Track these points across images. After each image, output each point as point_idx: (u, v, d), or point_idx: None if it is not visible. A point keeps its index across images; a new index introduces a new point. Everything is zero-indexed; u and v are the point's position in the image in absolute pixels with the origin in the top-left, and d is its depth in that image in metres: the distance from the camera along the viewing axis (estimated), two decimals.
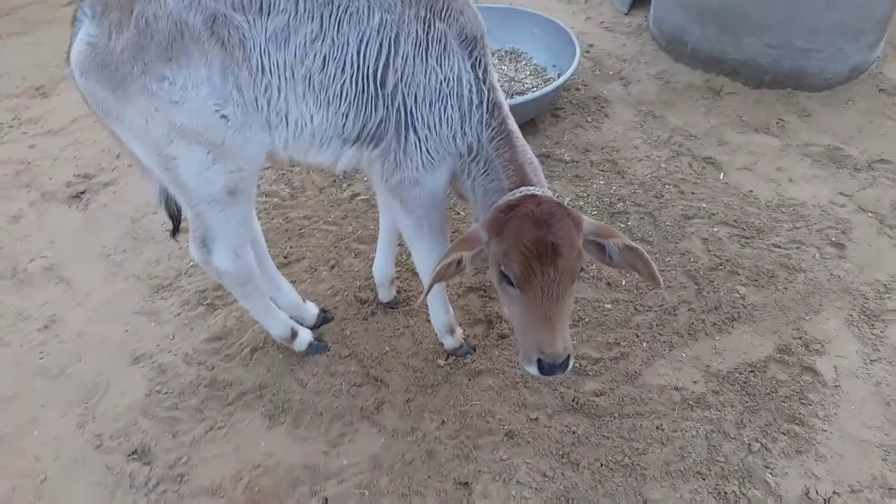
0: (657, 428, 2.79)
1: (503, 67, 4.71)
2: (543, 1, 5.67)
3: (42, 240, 3.85)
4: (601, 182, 3.94)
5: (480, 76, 2.30)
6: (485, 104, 2.32)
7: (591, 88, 4.67)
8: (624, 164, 4.04)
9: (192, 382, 3.08)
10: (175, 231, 2.83)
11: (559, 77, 4.33)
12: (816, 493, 2.57)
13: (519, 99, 4.13)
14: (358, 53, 2.19)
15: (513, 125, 2.38)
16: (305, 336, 3.11)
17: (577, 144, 4.22)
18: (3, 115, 4.77)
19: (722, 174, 3.94)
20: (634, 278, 3.37)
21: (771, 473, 2.63)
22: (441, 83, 2.24)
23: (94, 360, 3.21)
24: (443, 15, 2.21)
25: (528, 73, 4.64)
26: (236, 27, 2.07)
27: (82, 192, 4.13)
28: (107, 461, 2.82)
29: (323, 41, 2.15)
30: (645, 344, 3.10)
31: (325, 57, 2.17)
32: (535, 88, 4.43)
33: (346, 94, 2.23)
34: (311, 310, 3.25)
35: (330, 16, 2.14)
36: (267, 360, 3.14)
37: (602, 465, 2.69)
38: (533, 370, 2.07)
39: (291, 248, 3.69)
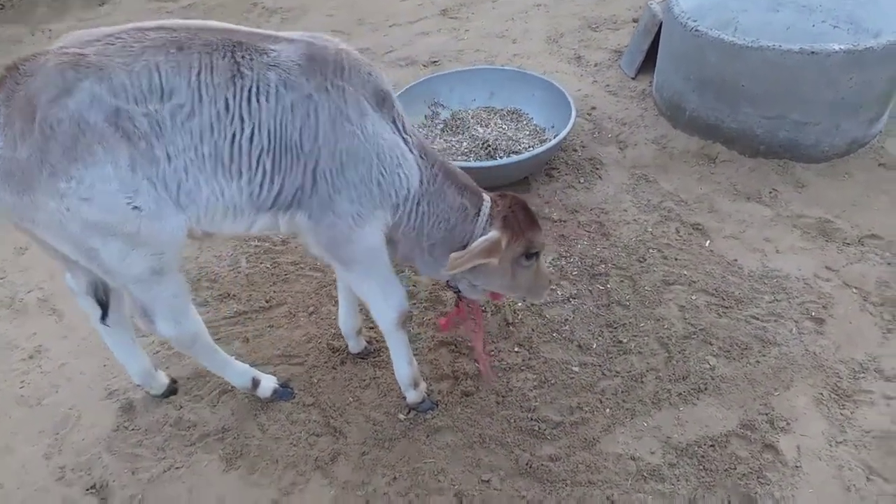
0: (608, 498, 2.73)
1: (504, 126, 4.80)
2: (554, 63, 5.79)
3: (42, 272, 4.02)
4: (585, 243, 3.95)
5: (400, 128, 2.42)
6: (413, 151, 2.44)
7: (588, 150, 4.72)
8: (611, 227, 4.05)
9: (159, 421, 3.15)
10: (104, 316, 2.87)
11: (555, 138, 4.40)
12: None
13: (514, 158, 4.22)
14: (271, 127, 2.22)
15: (443, 157, 2.55)
16: (268, 383, 3.16)
17: (566, 204, 4.25)
18: None
19: (708, 241, 3.91)
20: (605, 342, 3.36)
21: None
22: (362, 142, 2.30)
23: (70, 392, 3.31)
24: (352, 80, 2.29)
25: (527, 133, 4.73)
26: (139, 118, 2.10)
27: None
28: (65, 494, 2.89)
29: (231, 120, 2.18)
30: (608, 410, 3.06)
31: (234, 133, 2.20)
32: (531, 148, 4.50)
33: (262, 164, 2.26)
34: (162, 379, 3.25)
35: (234, 97, 2.18)
36: (233, 403, 3.20)
37: None
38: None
39: (275, 292, 3.78)
